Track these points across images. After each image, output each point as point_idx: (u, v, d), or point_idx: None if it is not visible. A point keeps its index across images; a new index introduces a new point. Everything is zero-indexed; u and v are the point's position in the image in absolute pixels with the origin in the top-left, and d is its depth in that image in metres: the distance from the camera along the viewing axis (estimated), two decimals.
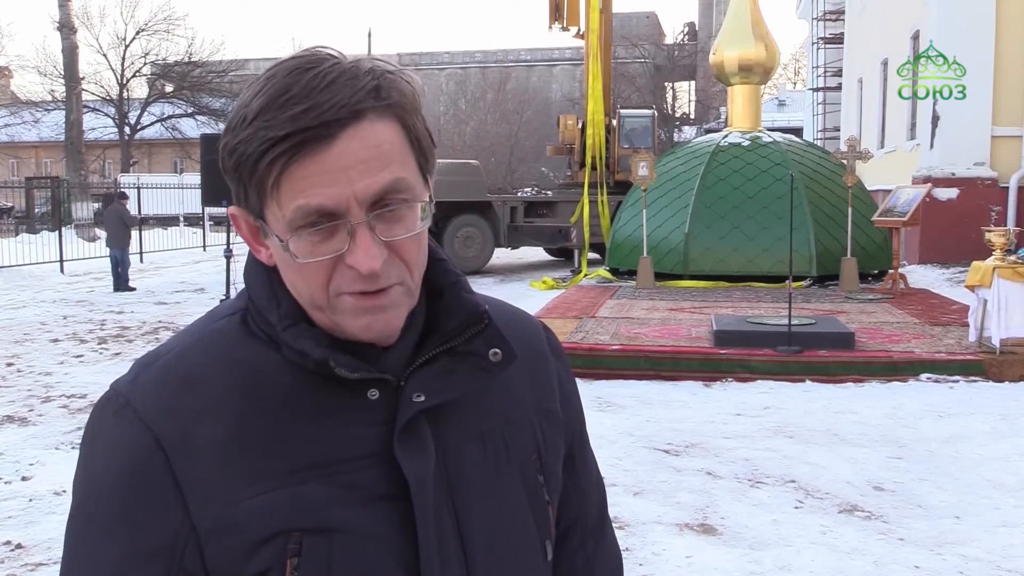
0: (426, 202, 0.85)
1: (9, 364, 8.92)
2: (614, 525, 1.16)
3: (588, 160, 17.08)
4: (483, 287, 15.27)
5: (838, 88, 27.97)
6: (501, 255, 19.64)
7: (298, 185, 0.80)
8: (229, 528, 0.81)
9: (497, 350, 0.91)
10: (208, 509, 0.82)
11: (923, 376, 7.29)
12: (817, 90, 30.08)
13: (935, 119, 15.13)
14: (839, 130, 26.42)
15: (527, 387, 0.99)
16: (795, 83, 51.87)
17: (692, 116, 49.61)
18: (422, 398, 0.87)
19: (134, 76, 41.34)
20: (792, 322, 7.81)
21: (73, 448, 5.76)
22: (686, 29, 57.79)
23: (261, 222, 0.85)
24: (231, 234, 11.00)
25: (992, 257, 7.66)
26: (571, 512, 1.04)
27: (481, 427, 0.93)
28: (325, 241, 0.82)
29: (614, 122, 19.40)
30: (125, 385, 0.87)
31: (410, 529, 0.85)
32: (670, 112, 45.15)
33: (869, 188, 15.06)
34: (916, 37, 16.99)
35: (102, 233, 19.43)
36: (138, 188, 23.62)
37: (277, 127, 0.79)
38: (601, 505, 1.09)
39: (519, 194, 20.20)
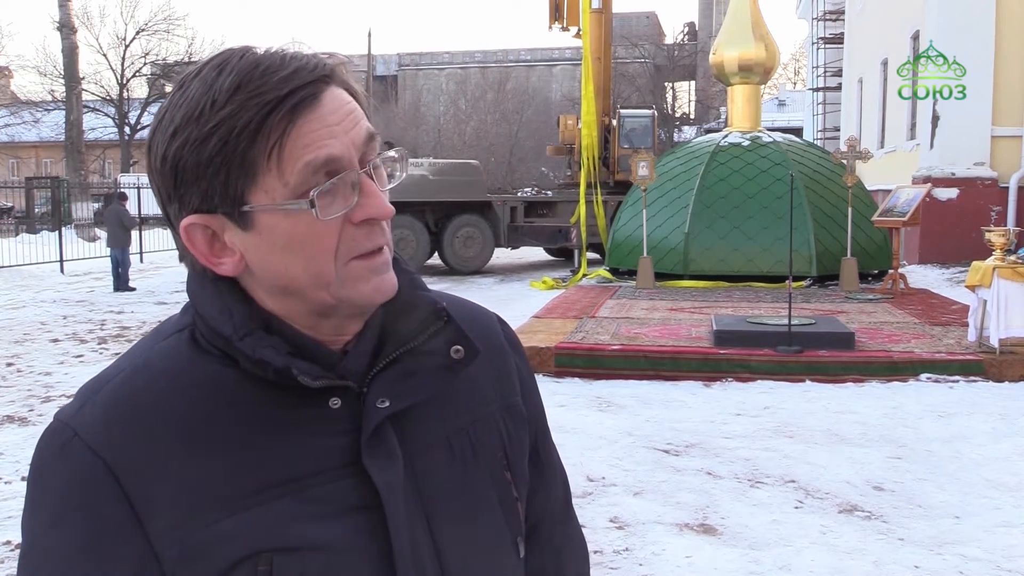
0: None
1: (9, 364, 8.92)
2: (614, 525, 1.15)
3: (584, 161, 17.11)
4: (483, 287, 15.29)
5: (838, 88, 27.98)
6: (501, 255, 19.65)
7: (303, 141, 0.79)
8: (196, 555, 0.78)
9: (459, 347, 0.89)
10: (171, 538, 0.78)
11: (923, 376, 7.29)
12: (817, 90, 30.08)
13: (935, 119, 15.14)
14: (839, 130, 26.43)
15: (490, 383, 0.96)
16: (795, 83, 51.90)
17: (692, 116, 49.62)
18: (387, 403, 0.84)
19: (134, 76, 41.47)
20: (792, 322, 7.81)
21: None
22: (686, 29, 57.80)
23: (245, 209, 0.80)
24: None
25: (992, 257, 7.66)
26: (538, 506, 1.02)
27: (447, 428, 0.90)
28: (331, 204, 0.81)
29: (614, 122, 19.39)
30: (71, 416, 0.82)
31: (382, 538, 0.83)
32: (670, 112, 45.14)
33: (869, 188, 15.06)
34: (916, 37, 16.99)
35: (102, 233, 19.46)
36: (138, 188, 23.57)
37: (274, 89, 0.78)
38: (565, 495, 1.08)
39: (519, 194, 20.20)
